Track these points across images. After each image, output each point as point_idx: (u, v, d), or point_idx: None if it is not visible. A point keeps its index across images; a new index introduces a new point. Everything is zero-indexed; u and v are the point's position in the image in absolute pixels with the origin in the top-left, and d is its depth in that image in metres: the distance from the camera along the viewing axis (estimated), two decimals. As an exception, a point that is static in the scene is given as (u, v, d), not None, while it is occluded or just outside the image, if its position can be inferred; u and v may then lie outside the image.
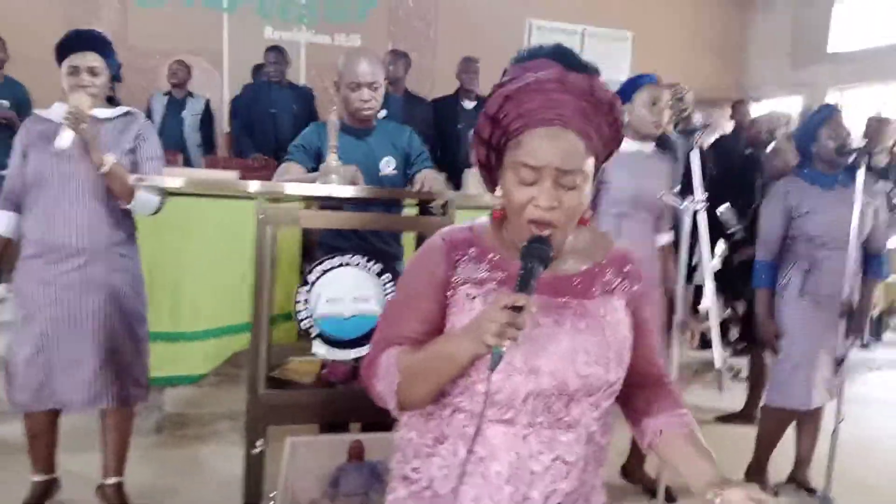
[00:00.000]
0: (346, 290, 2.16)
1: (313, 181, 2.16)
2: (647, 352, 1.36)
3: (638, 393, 1.37)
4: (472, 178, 2.46)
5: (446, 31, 7.14)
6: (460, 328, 1.20)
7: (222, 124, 6.34)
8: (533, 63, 1.23)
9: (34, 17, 6.01)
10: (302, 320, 2.13)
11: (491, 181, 1.30)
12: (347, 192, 2.09)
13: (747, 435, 3.35)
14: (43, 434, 2.67)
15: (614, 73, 7.33)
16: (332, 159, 2.16)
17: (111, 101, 2.58)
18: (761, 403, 3.29)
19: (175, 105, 5.70)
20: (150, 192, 2.48)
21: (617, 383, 1.27)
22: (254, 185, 2.05)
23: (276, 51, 5.40)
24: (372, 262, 2.20)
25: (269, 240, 2.05)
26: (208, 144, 5.77)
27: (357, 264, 2.18)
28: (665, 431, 1.29)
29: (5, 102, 5.13)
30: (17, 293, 2.54)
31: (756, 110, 6.66)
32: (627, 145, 2.86)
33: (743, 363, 4.72)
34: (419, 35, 7.21)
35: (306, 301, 2.13)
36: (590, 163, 1.20)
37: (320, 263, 2.15)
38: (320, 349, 2.19)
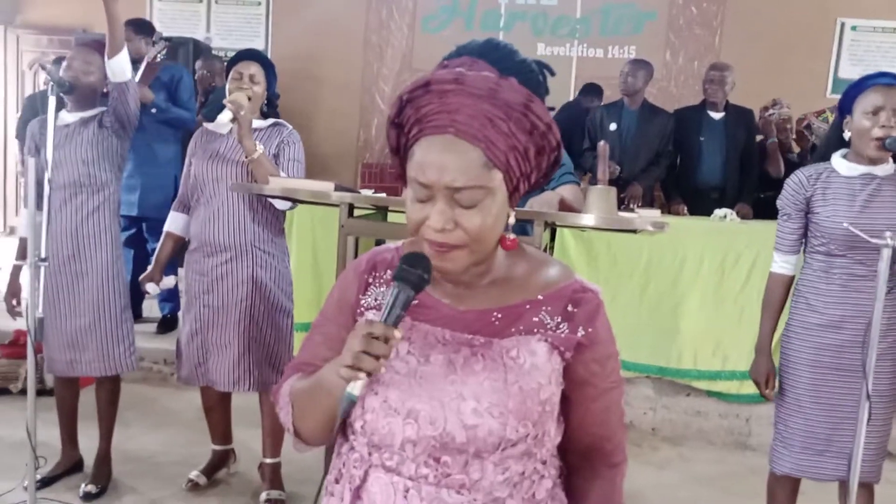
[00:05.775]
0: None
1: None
2: (591, 418, 1.12)
3: (575, 464, 1.15)
4: (598, 196, 2.18)
5: (733, 38, 6.49)
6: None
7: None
8: (455, 62, 1.08)
9: (338, 44, 6.86)
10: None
11: None
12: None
13: None
14: (214, 409, 3.03)
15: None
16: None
17: (265, 116, 2.84)
18: None
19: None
20: None
21: (521, 443, 1.04)
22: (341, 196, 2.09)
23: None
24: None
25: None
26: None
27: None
28: None
29: None
30: (184, 282, 2.94)
31: None
32: (848, 168, 2.24)
33: None
34: (701, 43, 6.65)
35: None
36: (496, 177, 1.01)
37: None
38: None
